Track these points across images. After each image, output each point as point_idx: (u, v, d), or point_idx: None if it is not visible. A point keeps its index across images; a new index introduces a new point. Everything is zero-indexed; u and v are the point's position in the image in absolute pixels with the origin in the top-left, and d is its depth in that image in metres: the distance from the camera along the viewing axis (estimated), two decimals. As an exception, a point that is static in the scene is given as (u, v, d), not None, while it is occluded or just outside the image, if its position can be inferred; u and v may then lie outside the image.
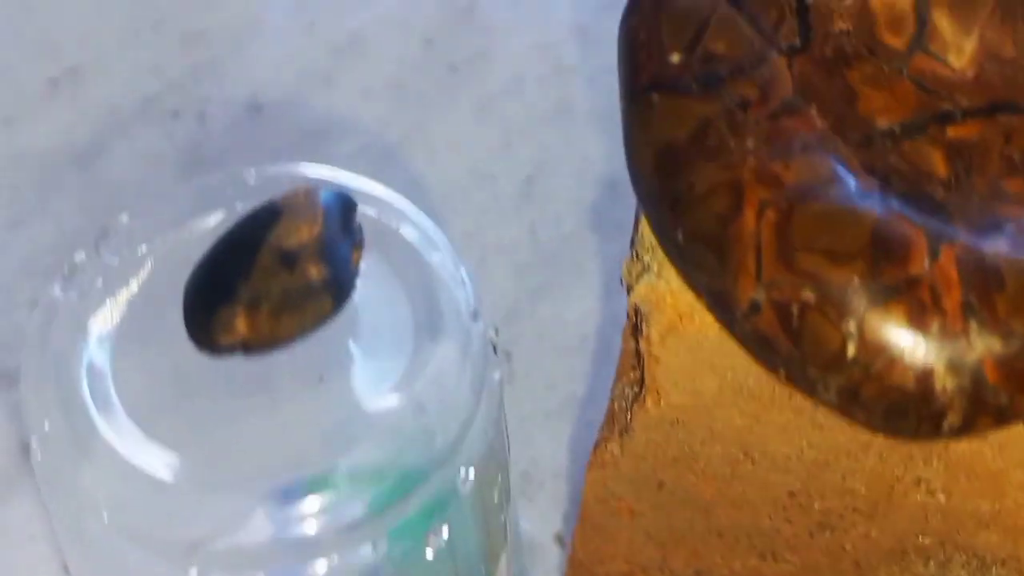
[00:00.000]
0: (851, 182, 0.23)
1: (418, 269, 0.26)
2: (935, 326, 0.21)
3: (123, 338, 0.24)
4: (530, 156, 0.51)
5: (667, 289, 0.26)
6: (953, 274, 0.21)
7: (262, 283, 0.22)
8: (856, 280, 0.22)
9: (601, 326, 0.47)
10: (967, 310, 0.21)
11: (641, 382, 0.29)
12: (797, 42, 0.24)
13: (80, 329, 0.24)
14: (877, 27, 0.24)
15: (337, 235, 0.23)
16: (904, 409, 0.22)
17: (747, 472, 0.30)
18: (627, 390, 0.31)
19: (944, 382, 0.21)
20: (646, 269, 0.26)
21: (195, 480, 0.22)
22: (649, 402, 0.29)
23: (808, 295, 0.22)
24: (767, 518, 0.31)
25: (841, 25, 0.25)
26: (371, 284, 0.24)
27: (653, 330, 0.27)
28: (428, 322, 0.25)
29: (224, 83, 0.52)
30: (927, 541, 0.29)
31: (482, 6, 0.55)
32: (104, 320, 0.24)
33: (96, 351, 0.24)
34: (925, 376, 0.21)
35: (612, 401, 0.32)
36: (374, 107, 0.52)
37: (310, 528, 0.23)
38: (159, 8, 0.54)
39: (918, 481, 0.27)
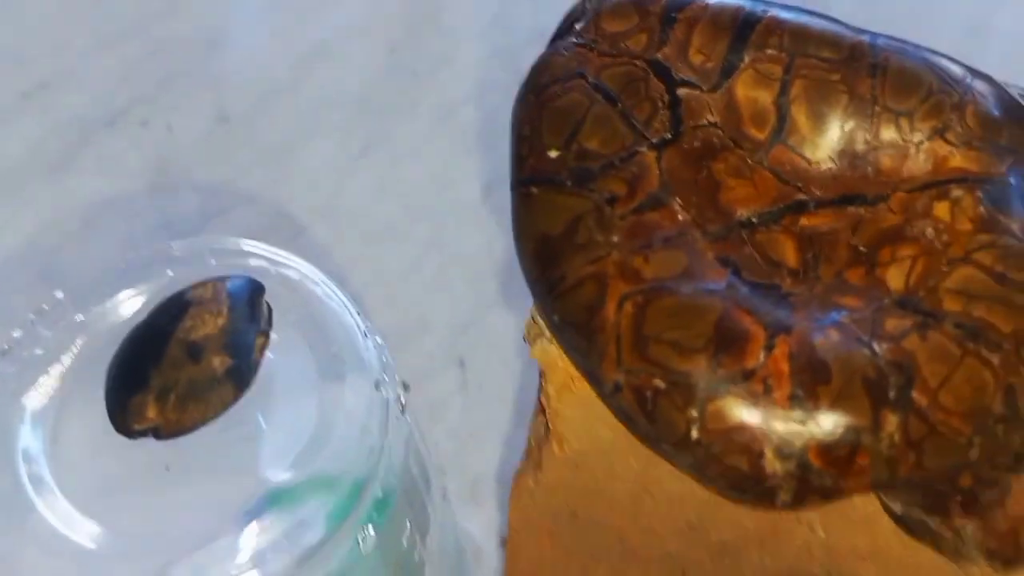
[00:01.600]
0: (703, 276, 0.25)
1: (329, 335, 0.29)
2: (765, 415, 0.24)
3: (57, 414, 0.27)
4: (488, 165, 0.54)
5: (558, 353, 0.29)
6: (784, 368, 0.24)
7: (171, 373, 0.25)
8: (698, 371, 0.25)
9: (555, 335, 0.51)
10: (794, 401, 0.24)
11: (546, 426, 0.32)
12: (668, 135, 0.27)
13: (17, 406, 0.27)
14: (742, 120, 0.27)
15: (242, 324, 0.26)
16: (742, 485, 0.25)
17: (649, 506, 0.33)
18: (541, 428, 0.34)
19: (774, 466, 0.24)
20: (541, 333, 0.29)
21: (115, 550, 0.26)
22: (555, 445, 0.32)
23: (659, 383, 0.25)
24: (673, 544, 0.34)
25: (709, 118, 0.27)
26: (284, 356, 0.28)
27: (550, 386, 0.30)
28: (335, 394, 0.28)
29: (191, 93, 0.55)
30: (816, 569, 0.33)
31: (445, 12, 0.58)
32: (39, 396, 0.28)
33: (31, 429, 0.27)
34: (757, 460, 0.24)
35: (530, 437, 0.35)
36: (338, 116, 0.55)
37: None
38: (126, 19, 0.57)
39: (799, 519, 0.30)
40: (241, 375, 0.26)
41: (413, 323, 0.50)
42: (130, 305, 0.30)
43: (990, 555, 0.26)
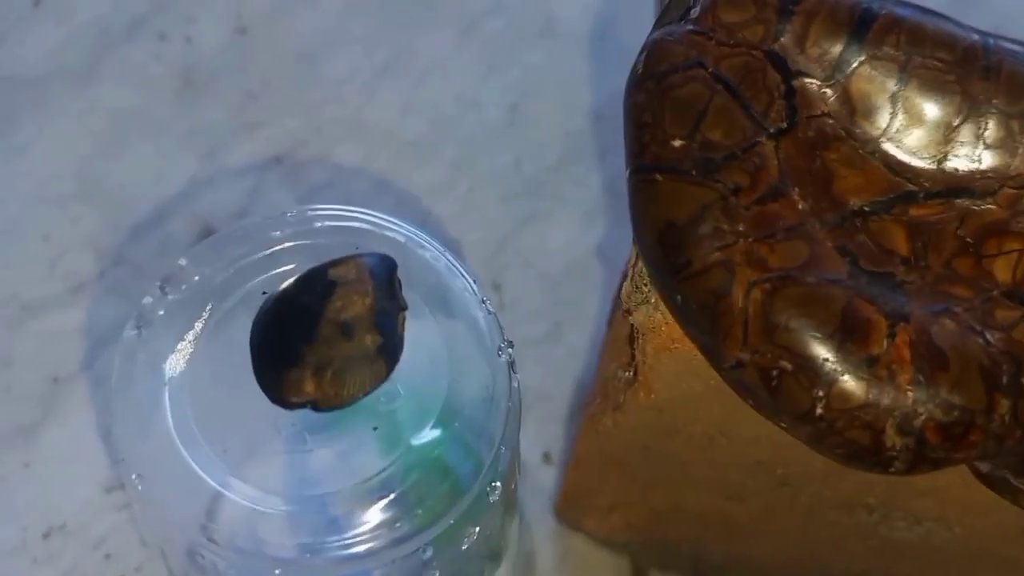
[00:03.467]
0: (824, 265, 0.28)
1: (445, 299, 0.31)
2: (888, 397, 0.27)
3: (196, 375, 0.29)
4: (514, 82, 0.55)
5: (663, 320, 0.32)
6: (906, 355, 0.27)
7: (325, 350, 0.27)
8: (826, 356, 0.27)
9: (582, 255, 0.53)
10: (916, 385, 0.27)
11: (635, 375, 0.35)
12: (784, 124, 0.29)
13: (158, 373, 0.29)
14: (855, 112, 0.29)
15: (386, 303, 0.28)
16: (860, 456, 0.28)
17: (722, 445, 0.36)
18: (621, 373, 0.36)
19: (893, 440, 0.27)
20: (645, 300, 0.32)
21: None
22: (641, 393, 0.35)
23: (785, 364, 0.28)
24: (736, 474, 0.38)
25: (823, 108, 0.29)
26: (408, 320, 0.30)
27: (649, 345, 0.33)
28: (459, 359, 0.30)
29: (208, 1, 0.55)
30: (871, 500, 0.36)
31: (466, -79, 0.58)
32: (178, 362, 0.30)
33: (175, 393, 0.29)
34: (878, 435, 0.27)
35: (605, 379, 0.38)
36: (359, 27, 0.56)
37: (369, 543, 0.29)
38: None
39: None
40: (390, 351, 0.28)
41: (447, 243, 0.51)
42: (250, 270, 0.32)
43: (1064, 512, 0.30)
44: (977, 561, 0.37)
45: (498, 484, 0.30)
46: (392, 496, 0.29)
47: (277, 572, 0.28)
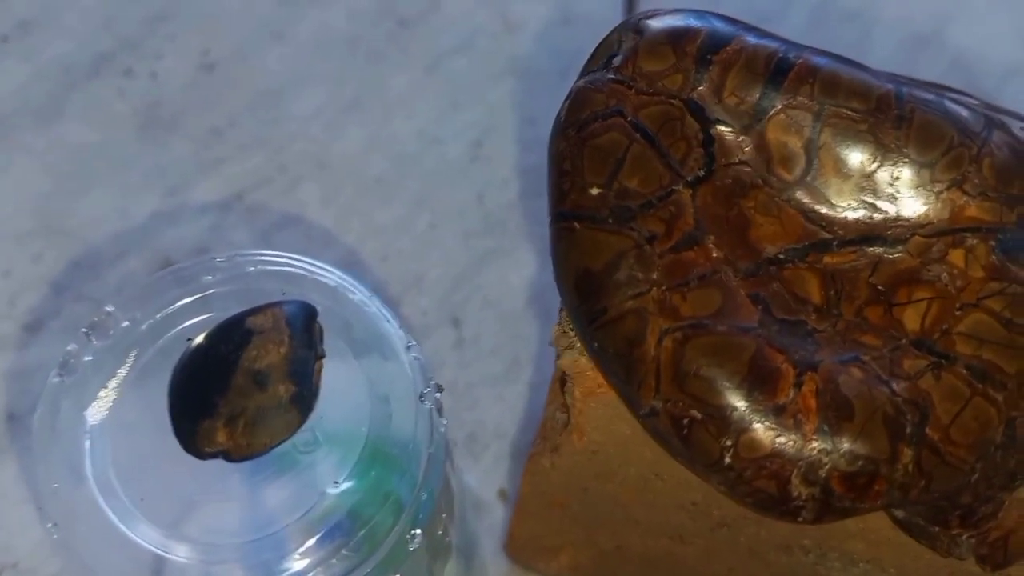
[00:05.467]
0: (736, 314, 0.28)
1: (371, 344, 0.32)
2: (794, 446, 0.28)
3: (118, 422, 0.30)
4: (477, 119, 0.55)
5: (587, 365, 0.32)
6: (812, 404, 0.28)
7: (238, 401, 0.28)
8: (733, 406, 0.28)
9: (542, 291, 0.53)
10: (821, 434, 0.28)
11: (568, 419, 0.35)
12: (701, 172, 0.30)
13: (80, 420, 0.30)
14: (772, 161, 0.30)
15: (302, 352, 0.28)
16: (769, 505, 0.28)
17: (657, 487, 0.36)
18: (558, 415, 0.37)
19: (799, 490, 0.28)
20: (571, 345, 0.32)
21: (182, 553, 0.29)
22: (574, 436, 0.35)
23: (695, 413, 0.28)
24: (675, 516, 0.38)
25: (740, 156, 0.30)
26: (332, 365, 0.30)
27: (577, 390, 0.33)
28: (381, 406, 0.31)
29: (175, 38, 0.56)
30: (806, 541, 0.37)
31: (433, -41, 0.59)
32: (100, 409, 0.30)
33: (96, 439, 0.30)
34: (784, 484, 0.28)
35: (545, 420, 0.38)
36: (325, 65, 0.57)
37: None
38: (109, -39, 0.57)
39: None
40: (304, 400, 0.28)
41: (408, 279, 0.52)
42: (177, 317, 0.32)
43: (981, 559, 0.30)
44: (914, 605, 0.37)
45: (418, 532, 0.30)
46: (308, 545, 0.29)
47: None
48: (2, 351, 0.49)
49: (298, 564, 0.29)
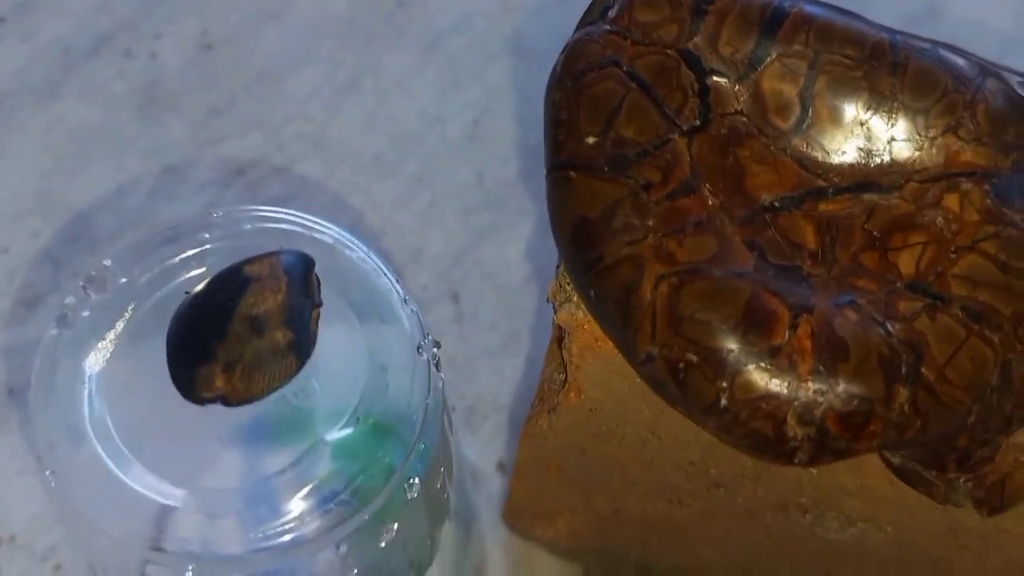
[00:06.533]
0: (732, 259, 0.29)
1: (368, 298, 0.32)
2: (790, 387, 0.28)
3: (115, 372, 0.30)
4: (476, 98, 0.56)
5: (584, 318, 0.32)
6: (807, 345, 0.28)
7: (236, 346, 0.28)
8: (730, 348, 0.28)
9: (541, 267, 0.54)
10: (816, 375, 0.28)
11: (565, 377, 0.35)
12: (697, 122, 0.30)
13: (79, 371, 0.30)
14: (767, 110, 0.30)
15: (299, 300, 0.29)
16: (764, 447, 0.28)
17: (655, 446, 0.37)
18: (555, 375, 0.37)
19: (795, 430, 0.28)
20: (568, 298, 0.32)
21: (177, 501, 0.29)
22: (572, 395, 0.35)
23: (691, 356, 0.28)
24: (672, 477, 0.38)
25: (736, 106, 0.30)
26: (328, 318, 0.30)
27: (574, 345, 0.34)
28: (378, 357, 0.31)
29: (174, 19, 0.56)
30: (804, 500, 0.37)
31: (430, -60, 0.59)
32: (98, 360, 0.30)
33: (94, 393, 0.30)
34: (780, 425, 0.28)
35: (542, 382, 0.39)
36: (323, 45, 0.57)
37: (281, 539, 0.29)
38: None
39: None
40: (301, 347, 0.29)
41: (406, 255, 0.52)
42: (174, 270, 0.32)
43: (978, 503, 0.30)
44: (913, 564, 0.37)
45: (416, 481, 0.31)
46: (306, 490, 0.29)
47: (188, 573, 0.29)
48: (0, 326, 0.49)
49: (295, 510, 0.29)
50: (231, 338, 0.28)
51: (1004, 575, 0.36)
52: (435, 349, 0.33)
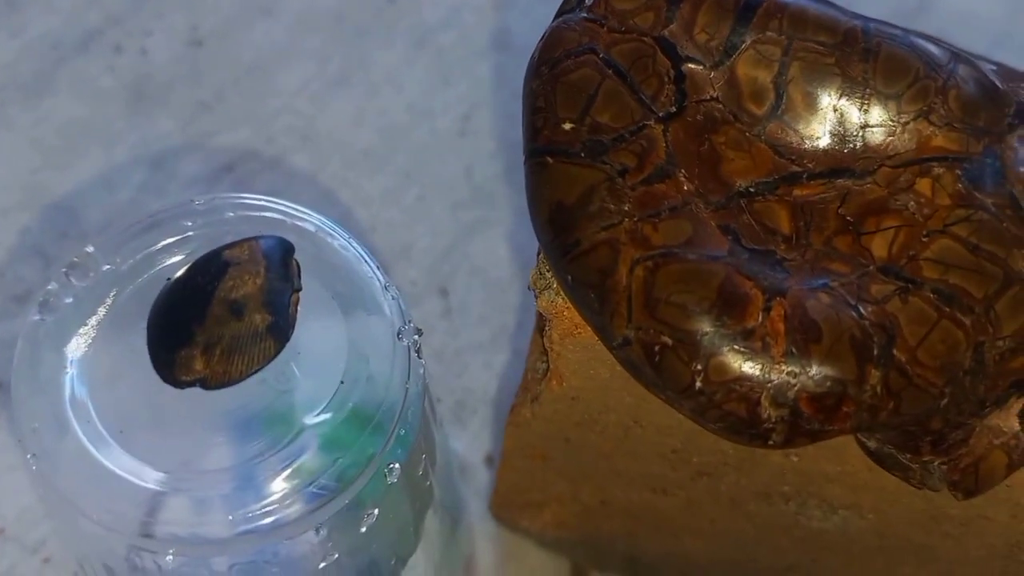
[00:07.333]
0: (706, 243, 0.29)
1: (349, 284, 0.33)
2: (763, 369, 0.28)
3: (97, 357, 0.31)
4: (466, 93, 0.56)
5: (564, 305, 0.33)
6: (780, 327, 0.28)
7: (215, 329, 0.29)
8: (703, 330, 0.29)
9: (529, 262, 0.54)
10: (789, 357, 0.28)
11: (547, 366, 0.36)
12: (673, 108, 0.30)
13: (60, 356, 0.31)
14: (742, 96, 0.31)
15: (278, 284, 0.29)
16: (739, 429, 0.29)
17: (637, 434, 0.37)
18: (538, 364, 0.38)
19: (769, 412, 0.29)
20: (548, 285, 0.33)
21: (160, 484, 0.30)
22: (554, 382, 0.36)
23: (666, 339, 0.29)
24: (656, 466, 0.39)
25: (711, 92, 0.31)
26: (309, 305, 0.31)
27: (554, 332, 0.34)
28: (359, 342, 0.31)
29: (163, 15, 0.57)
30: (786, 488, 0.38)
31: (418, -67, 0.60)
32: (80, 345, 0.31)
33: (75, 377, 0.30)
34: (754, 407, 0.29)
35: (526, 372, 0.39)
36: (312, 40, 0.58)
37: (264, 521, 0.30)
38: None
39: (776, 447, 0.35)
40: (280, 330, 0.29)
41: (395, 250, 0.53)
42: (156, 257, 0.33)
43: (953, 485, 0.31)
44: (896, 552, 0.38)
45: (396, 466, 0.31)
46: (287, 474, 0.30)
47: (169, 557, 0.29)
48: (-11, 320, 0.50)
49: (277, 493, 0.30)
50: (210, 321, 0.29)
51: (986, 562, 0.37)
52: (416, 336, 0.33)
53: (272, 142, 0.54)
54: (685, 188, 0.30)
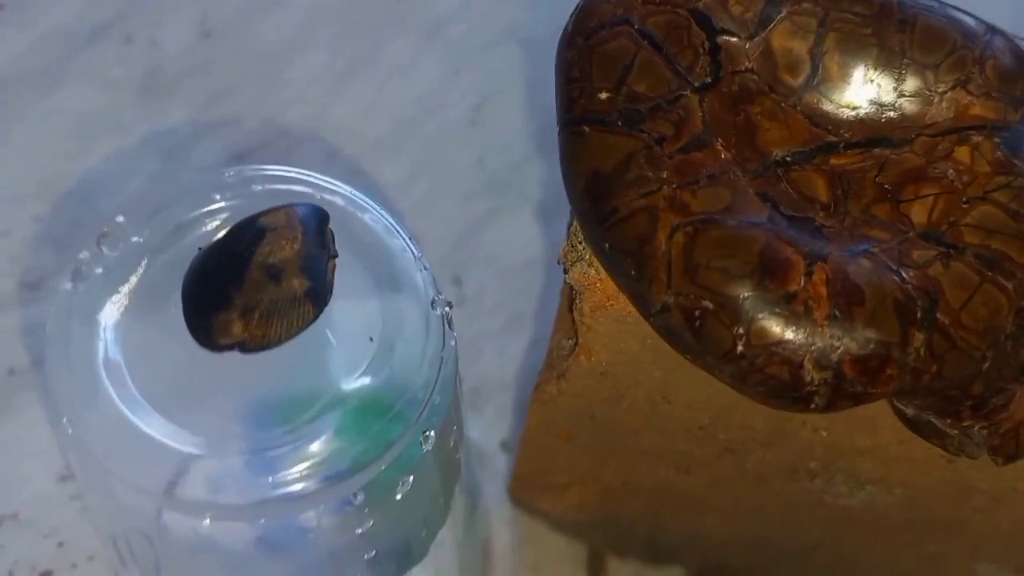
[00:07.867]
0: (745, 210, 0.29)
1: (381, 256, 0.33)
2: (806, 332, 0.29)
3: (130, 324, 0.31)
4: (478, 84, 0.56)
5: (597, 276, 0.33)
6: (823, 291, 0.29)
7: (253, 294, 0.28)
8: (745, 294, 0.29)
9: (544, 249, 0.54)
10: (832, 320, 0.29)
11: (576, 341, 0.36)
12: (708, 79, 0.31)
13: (93, 323, 0.30)
14: (777, 67, 0.31)
15: (315, 249, 0.29)
16: (781, 393, 0.29)
17: (665, 410, 0.37)
18: (564, 342, 0.38)
19: (812, 375, 0.29)
20: (580, 258, 0.33)
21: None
22: (582, 357, 0.36)
23: (707, 304, 0.29)
24: (682, 443, 0.39)
25: (746, 64, 0.31)
26: (342, 275, 0.31)
27: (585, 305, 0.34)
28: (393, 311, 0.31)
29: (174, 6, 0.57)
30: (813, 464, 0.38)
31: (430, -73, 0.60)
32: (113, 312, 0.31)
33: (110, 343, 0.30)
34: (797, 370, 0.29)
35: (551, 349, 0.39)
36: (323, 31, 0.58)
37: (298, 486, 0.30)
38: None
39: (804, 421, 0.35)
40: (319, 295, 0.29)
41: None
42: (186, 228, 0.33)
43: (993, 451, 0.31)
44: (924, 527, 0.38)
45: (431, 433, 0.31)
46: (323, 438, 0.30)
47: (206, 521, 0.29)
48: (3, 308, 0.49)
49: (312, 459, 0.30)
50: (249, 285, 0.28)
51: (1015, 536, 0.37)
52: (447, 308, 0.33)
53: (283, 133, 0.54)
54: (723, 157, 0.30)
